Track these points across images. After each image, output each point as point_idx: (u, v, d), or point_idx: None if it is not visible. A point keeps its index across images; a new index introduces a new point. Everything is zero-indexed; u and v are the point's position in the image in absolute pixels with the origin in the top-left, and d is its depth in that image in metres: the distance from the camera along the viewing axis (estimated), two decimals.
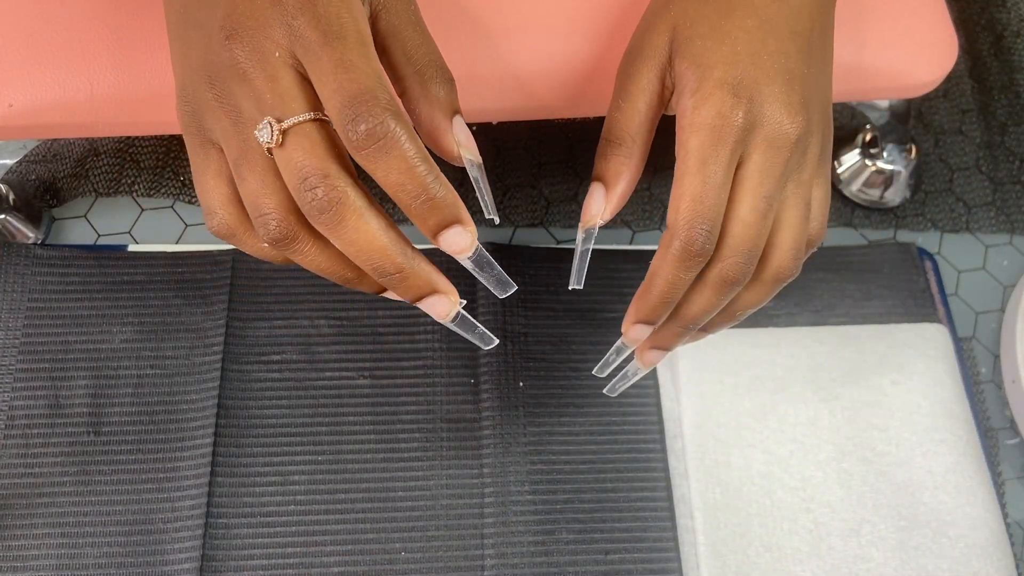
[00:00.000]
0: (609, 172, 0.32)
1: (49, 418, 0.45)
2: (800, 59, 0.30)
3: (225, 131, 0.28)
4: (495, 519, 0.45)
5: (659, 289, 0.30)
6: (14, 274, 0.48)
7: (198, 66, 0.28)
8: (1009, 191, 0.57)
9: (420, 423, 0.47)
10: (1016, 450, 0.50)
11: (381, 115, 0.25)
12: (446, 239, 0.27)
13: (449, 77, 0.30)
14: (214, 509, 0.44)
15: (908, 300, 0.52)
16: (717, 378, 0.47)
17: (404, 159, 0.25)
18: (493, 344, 0.32)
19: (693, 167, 0.28)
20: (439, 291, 0.29)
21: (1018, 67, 0.61)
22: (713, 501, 0.45)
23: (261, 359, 0.47)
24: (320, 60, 0.26)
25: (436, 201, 0.26)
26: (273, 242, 0.28)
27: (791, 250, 0.30)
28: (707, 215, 0.28)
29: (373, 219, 0.27)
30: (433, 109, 0.29)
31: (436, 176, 0.26)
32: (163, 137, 0.54)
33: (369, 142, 0.25)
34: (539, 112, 0.40)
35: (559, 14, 0.38)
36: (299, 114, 0.26)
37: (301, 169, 0.26)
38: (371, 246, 0.27)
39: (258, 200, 0.27)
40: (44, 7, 0.37)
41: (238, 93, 0.27)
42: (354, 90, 0.25)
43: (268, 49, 0.26)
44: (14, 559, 0.42)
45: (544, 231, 0.54)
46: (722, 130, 0.28)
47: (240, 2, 0.27)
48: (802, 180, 0.31)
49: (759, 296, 0.32)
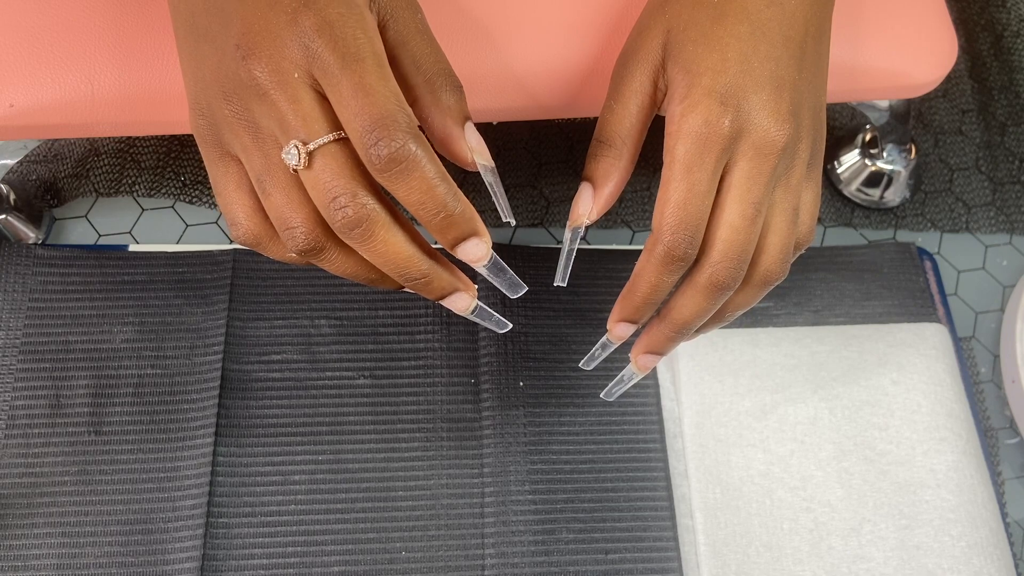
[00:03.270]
0: (598, 173, 0.32)
1: (50, 418, 0.45)
2: (791, 65, 0.31)
3: (245, 147, 0.28)
4: (495, 518, 0.45)
5: (642, 291, 0.31)
6: (15, 274, 0.48)
7: (212, 80, 0.29)
8: (1009, 191, 0.57)
9: (420, 423, 0.47)
10: (1016, 449, 0.51)
11: (402, 139, 0.26)
12: (464, 250, 0.29)
13: (458, 84, 0.31)
14: (215, 508, 0.44)
15: (908, 300, 0.52)
16: (717, 378, 0.47)
17: (424, 180, 0.27)
18: (508, 328, 0.33)
19: (678, 173, 0.29)
20: (459, 289, 0.30)
21: (1018, 67, 0.61)
22: (713, 501, 0.45)
23: (262, 359, 0.48)
24: (340, 84, 0.26)
25: (454, 217, 0.28)
26: (301, 253, 0.29)
27: (779, 254, 0.31)
28: (690, 222, 0.29)
29: (399, 231, 0.28)
30: (445, 118, 0.30)
31: (454, 193, 0.27)
32: (164, 137, 0.54)
33: (391, 165, 0.26)
34: (539, 112, 0.40)
35: (559, 15, 0.39)
36: (323, 136, 0.27)
37: (330, 190, 0.27)
38: (398, 256, 0.28)
39: (284, 214, 0.28)
40: (45, 7, 0.37)
41: (257, 111, 0.28)
42: (375, 115, 0.26)
43: (287, 70, 0.27)
44: (15, 558, 0.42)
45: (544, 231, 0.54)
46: (708, 138, 0.29)
47: (255, 21, 0.27)
48: (791, 184, 0.31)
49: (748, 298, 0.33)
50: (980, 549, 0.44)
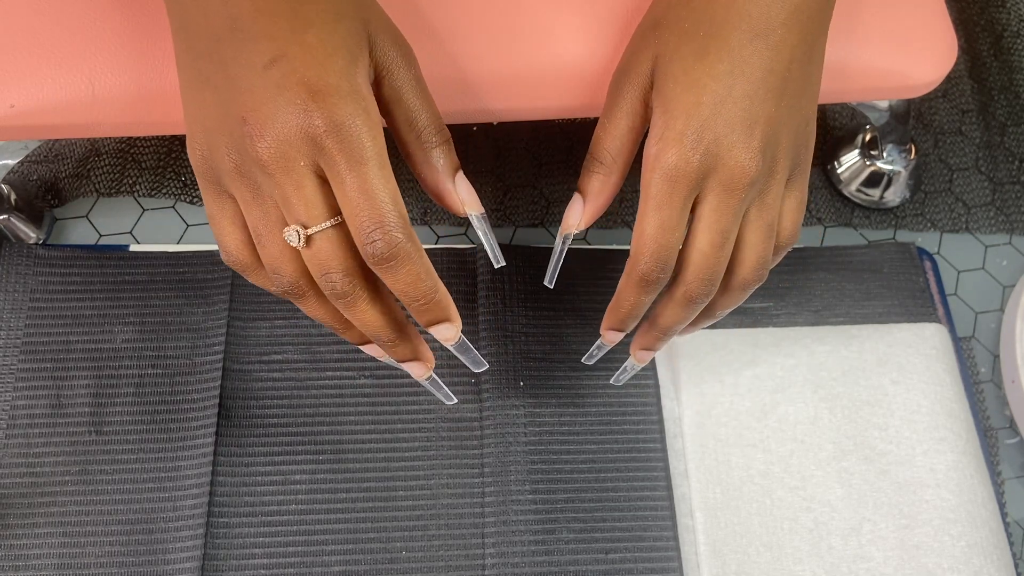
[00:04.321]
0: (588, 188, 0.35)
1: (51, 417, 0.45)
2: (768, 99, 0.32)
3: (244, 199, 0.31)
4: (496, 518, 0.45)
5: (624, 308, 0.35)
6: (16, 274, 0.48)
7: (216, 131, 0.30)
8: (1008, 191, 0.58)
9: (421, 422, 0.47)
10: (1015, 449, 0.51)
11: (396, 239, 0.29)
12: (437, 331, 0.33)
13: (447, 138, 0.33)
14: (215, 508, 0.44)
15: (908, 300, 0.52)
16: (718, 377, 0.48)
17: (412, 273, 0.30)
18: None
19: (651, 209, 0.32)
20: (419, 359, 0.35)
21: (1018, 67, 0.61)
22: (713, 500, 0.45)
23: (262, 359, 0.48)
24: (344, 182, 0.29)
25: (432, 304, 0.31)
26: (283, 294, 0.32)
27: (753, 265, 0.34)
28: (661, 253, 0.32)
29: (377, 304, 0.32)
30: (436, 174, 0.33)
31: (435, 284, 0.31)
32: (165, 137, 0.54)
33: (384, 260, 0.29)
34: (540, 112, 0.40)
35: (561, 15, 0.39)
36: (323, 222, 0.30)
37: (323, 264, 0.30)
38: (372, 324, 0.32)
39: (276, 264, 0.31)
40: (46, 8, 0.37)
41: (259, 178, 0.30)
42: (375, 217, 0.29)
43: (293, 158, 0.29)
44: (16, 558, 0.43)
45: (544, 231, 0.54)
46: (677, 179, 0.31)
47: (264, 102, 0.28)
48: (765, 203, 0.33)
49: (731, 301, 0.36)
50: (980, 549, 0.44)
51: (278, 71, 0.28)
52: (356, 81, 0.29)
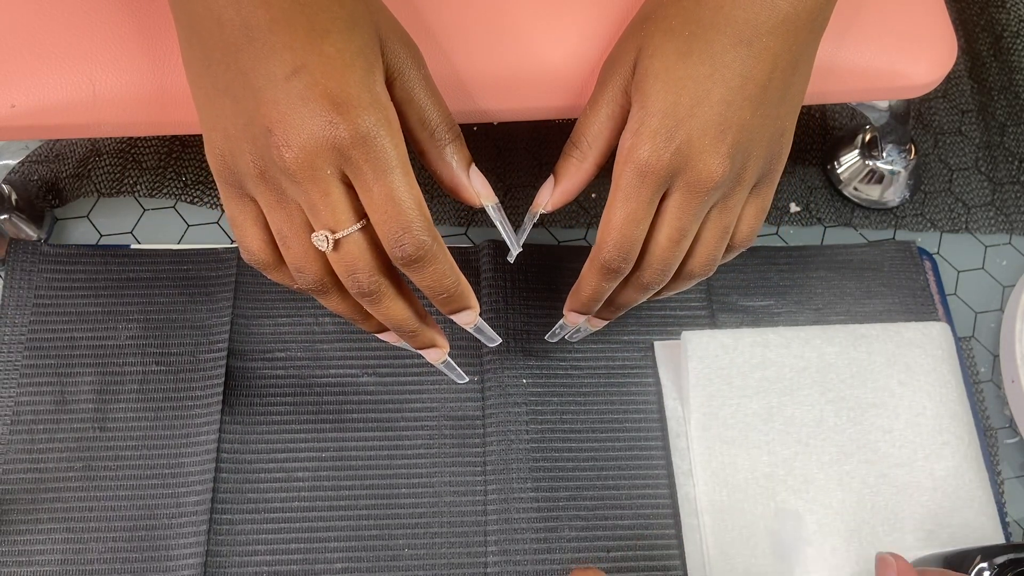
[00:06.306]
0: (562, 170, 0.37)
1: (55, 414, 0.45)
2: (745, 106, 0.32)
3: (268, 202, 0.32)
4: (498, 516, 0.45)
5: (586, 292, 0.37)
6: (20, 271, 0.48)
7: (237, 137, 0.31)
8: (1008, 191, 0.58)
9: (423, 420, 0.47)
10: (1015, 449, 0.51)
11: (423, 241, 0.31)
12: (458, 317, 0.35)
13: (458, 133, 0.35)
14: (218, 505, 0.44)
15: (908, 298, 0.52)
16: (726, 379, 0.47)
17: (437, 271, 0.32)
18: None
19: (619, 200, 0.33)
20: (437, 346, 0.37)
21: (1017, 67, 0.61)
22: (720, 503, 0.45)
23: (265, 356, 0.48)
24: (371, 189, 0.30)
25: (454, 295, 0.34)
26: (306, 290, 0.33)
27: (703, 260, 0.36)
28: (625, 244, 0.34)
29: (401, 298, 0.34)
30: (451, 170, 0.35)
31: (457, 278, 0.33)
32: (165, 137, 0.54)
33: (413, 261, 0.31)
34: (540, 112, 0.40)
35: (561, 16, 0.39)
36: (349, 226, 0.31)
37: (350, 266, 0.32)
38: (396, 317, 0.34)
39: (300, 263, 0.32)
40: (47, 7, 0.37)
41: (284, 184, 0.31)
42: (402, 222, 0.30)
43: (320, 166, 0.29)
44: (19, 553, 0.43)
45: (544, 231, 0.54)
46: (647, 174, 0.32)
47: (289, 113, 0.29)
48: (727, 206, 0.35)
49: (678, 286, 0.38)
50: None
51: (300, 82, 0.29)
52: (375, 90, 0.30)
